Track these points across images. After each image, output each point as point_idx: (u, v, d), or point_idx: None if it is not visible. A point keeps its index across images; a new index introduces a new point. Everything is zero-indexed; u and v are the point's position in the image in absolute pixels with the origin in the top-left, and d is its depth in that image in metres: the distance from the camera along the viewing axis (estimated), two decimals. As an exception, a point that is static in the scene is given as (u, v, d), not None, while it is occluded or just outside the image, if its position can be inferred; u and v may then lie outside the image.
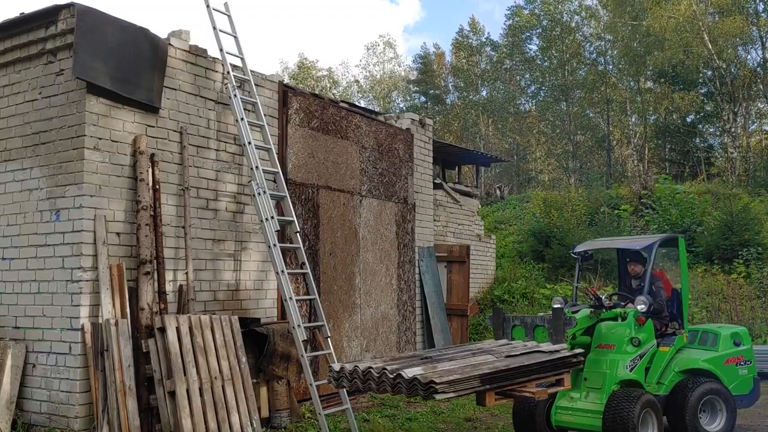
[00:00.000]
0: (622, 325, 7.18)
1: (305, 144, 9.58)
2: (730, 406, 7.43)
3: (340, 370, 5.39)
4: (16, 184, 7.35)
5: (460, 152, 19.72)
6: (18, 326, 7.16)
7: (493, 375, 5.03)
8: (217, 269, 8.16)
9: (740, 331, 8.13)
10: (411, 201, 11.93)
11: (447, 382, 4.66)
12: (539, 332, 6.76)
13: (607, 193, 24.06)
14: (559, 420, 7.11)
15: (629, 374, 6.97)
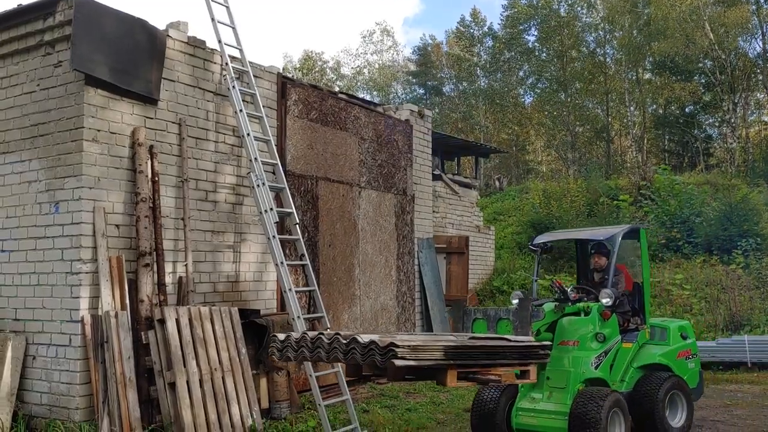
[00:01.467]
0: (586, 320, 6.83)
1: (304, 135, 9.57)
2: (690, 400, 7.28)
3: (285, 340, 4.99)
4: (15, 176, 7.34)
5: (459, 143, 19.71)
6: (18, 318, 7.16)
7: (458, 349, 4.67)
8: (216, 261, 8.17)
9: (685, 325, 7.97)
10: (410, 192, 11.93)
11: (408, 347, 4.31)
12: (503, 325, 6.43)
13: (606, 183, 24.07)
14: (521, 423, 6.66)
15: (595, 372, 6.61)
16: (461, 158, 22.40)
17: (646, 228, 7.91)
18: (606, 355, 6.77)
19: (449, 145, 18.89)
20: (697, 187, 20.85)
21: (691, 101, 32.47)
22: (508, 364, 5.07)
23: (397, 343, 4.25)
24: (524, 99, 41.37)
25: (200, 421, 6.61)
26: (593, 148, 37.94)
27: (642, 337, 7.36)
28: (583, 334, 6.76)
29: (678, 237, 18.30)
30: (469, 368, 4.80)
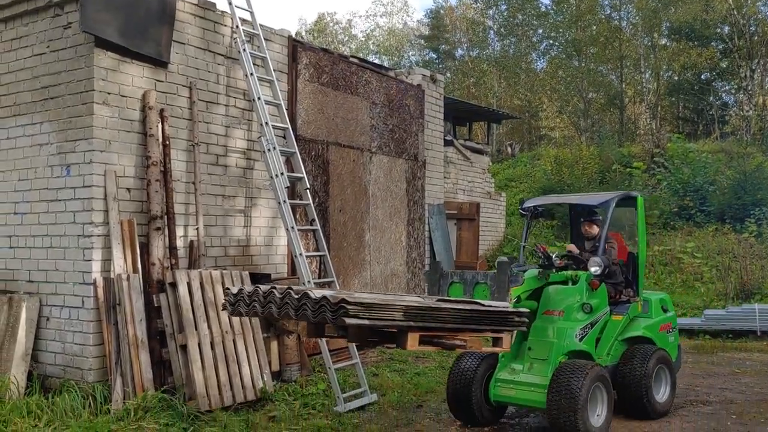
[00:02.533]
0: (573, 290, 6.53)
1: (315, 99, 9.50)
2: (673, 374, 7.08)
3: (238, 293, 4.71)
4: (27, 138, 7.34)
5: (471, 108, 19.55)
6: (32, 280, 7.23)
7: (419, 310, 4.32)
8: (227, 225, 8.19)
9: (665, 298, 7.73)
10: (421, 158, 11.87)
11: (361, 305, 3.99)
12: (480, 290, 6.23)
13: (618, 151, 23.86)
14: (499, 394, 6.36)
15: (579, 344, 6.31)
16: (473, 124, 22.25)
17: (643, 195, 7.45)
18: (592, 327, 6.48)
19: (461, 110, 18.74)
20: (711, 155, 20.64)
21: (708, 68, 31.95)
22: (478, 330, 4.75)
23: (348, 300, 3.96)
24: (537, 64, 40.89)
25: (212, 383, 6.70)
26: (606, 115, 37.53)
27: (633, 309, 7.10)
28: (570, 304, 6.47)
29: (690, 205, 18.19)
30: (433, 332, 4.49)
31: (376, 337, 4.68)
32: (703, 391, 7.98)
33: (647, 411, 6.60)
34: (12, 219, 7.43)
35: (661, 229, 17.73)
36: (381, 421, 6.74)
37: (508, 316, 5.00)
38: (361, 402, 7.26)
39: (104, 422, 5.68)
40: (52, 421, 5.78)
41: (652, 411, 6.63)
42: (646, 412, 6.60)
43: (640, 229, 7.36)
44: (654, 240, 16.88)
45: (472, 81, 40.64)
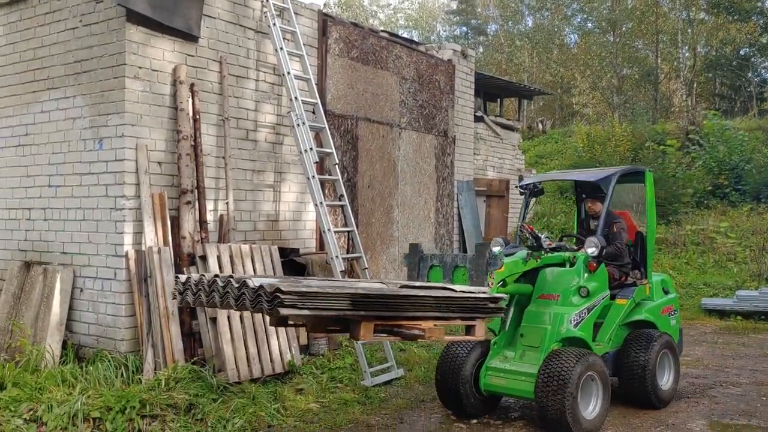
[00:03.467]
0: (570, 272, 6.12)
1: (345, 74, 9.46)
2: (677, 359, 6.72)
3: (186, 281, 4.39)
4: (60, 112, 7.43)
5: (503, 84, 19.32)
6: (65, 252, 7.37)
7: (370, 299, 3.96)
8: (256, 200, 8.24)
9: (666, 279, 7.35)
10: (451, 134, 11.78)
11: (298, 294, 3.69)
12: (459, 274, 5.83)
13: (652, 128, 23.44)
14: (489, 383, 5.98)
15: (573, 331, 5.89)
16: (504, 100, 21.99)
17: (651, 170, 7.07)
18: (589, 312, 6.03)
19: (492, 86, 18.53)
20: (748, 133, 20.17)
21: (747, 43, 31.12)
22: (445, 318, 4.39)
23: (282, 289, 3.65)
24: (570, 40, 40.20)
25: (240, 355, 6.79)
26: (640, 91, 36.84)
27: (640, 293, 6.69)
28: (566, 288, 6.04)
29: (725, 184, 17.85)
30: (392, 320, 4.18)
31: (337, 326, 4.44)
32: (734, 373, 7.89)
33: (650, 399, 6.29)
34: (47, 192, 7.56)
35: (695, 208, 17.45)
36: (407, 396, 6.78)
37: (482, 303, 4.58)
38: (387, 377, 7.31)
39: (136, 391, 5.80)
40: (86, 389, 5.91)
41: (656, 399, 6.32)
42: (649, 400, 6.29)
43: (648, 207, 6.94)
44: (687, 219, 16.62)
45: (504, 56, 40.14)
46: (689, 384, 7.40)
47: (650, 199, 6.94)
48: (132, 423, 5.49)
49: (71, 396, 5.76)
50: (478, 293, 4.64)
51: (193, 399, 5.92)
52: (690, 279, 13.55)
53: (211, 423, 5.69)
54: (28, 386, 5.91)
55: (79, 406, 5.52)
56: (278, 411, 6.10)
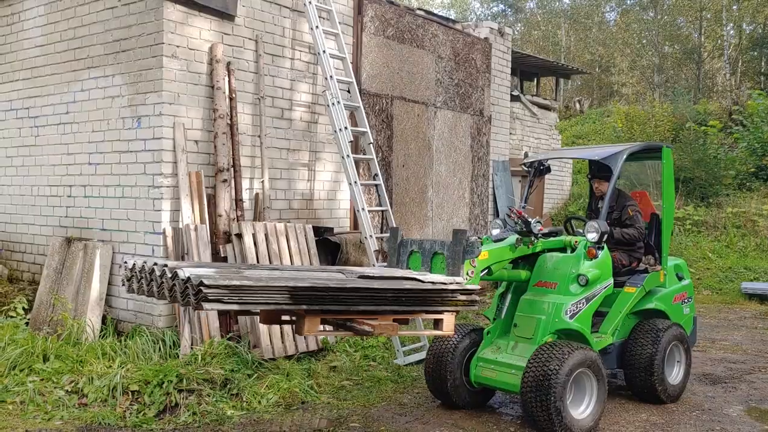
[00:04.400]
0: (569, 259, 5.69)
1: (380, 53, 9.42)
2: (689, 352, 6.29)
3: (132, 268, 4.14)
4: (99, 91, 7.53)
5: (540, 63, 19.04)
6: (105, 228, 7.51)
7: (313, 292, 3.70)
8: (291, 178, 8.28)
9: (681, 264, 6.80)
10: (487, 113, 11.67)
11: (224, 287, 3.44)
12: (437, 261, 5.23)
13: (694, 108, 22.91)
14: (479, 375, 5.66)
15: (568, 322, 5.44)
16: (541, 79, 21.68)
17: (670, 146, 6.48)
18: (588, 302, 5.55)
19: (529, 65, 18.27)
20: (794, 113, 19.58)
21: (795, 20, 30.14)
22: (406, 311, 4.08)
23: (206, 283, 3.40)
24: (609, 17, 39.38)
25: (275, 331, 6.87)
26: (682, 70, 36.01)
27: (651, 281, 6.20)
28: (564, 276, 5.60)
29: (769, 166, 17.42)
30: (340, 315, 3.91)
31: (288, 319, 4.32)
32: (774, 359, 7.74)
33: (657, 394, 5.92)
34: (87, 169, 7.69)
35: (736, 191, 17.06)
36: (440, 376, 6.79)
37: (450, 295, 4.22)
38: (420, 356, 7.33)
39: (173, 366, 5.92)
40: (125, 362, 6.05)
41: (664, 394, 5.95)
42: (656, 395, 5.93)
43: (665, 187, 6.41)
44: (728, 201, 16.27)
45: (541, 34, 39.52)
46: (727, 369, 7.29)
47: (668, 178, 6.42)
48: (169, 396, 5.61)
49: (111, 369, 5.90)
50: (450, 284, 4.27)
51: (229, 374, 6.02)
52: (730, 263, 13.29)
53: (246, 398, 5.78)
54: (70, 359, 6.07)
55: (118, 379, 5.66)
56: (312, 387, 6.17)
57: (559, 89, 22.78)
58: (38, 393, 5.59)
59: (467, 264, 5.06)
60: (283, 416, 5.57)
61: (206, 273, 3.59)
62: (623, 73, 37.73)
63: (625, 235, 6.20)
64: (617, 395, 6.29)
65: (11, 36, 8.61)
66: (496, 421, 5.60)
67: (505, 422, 5.58)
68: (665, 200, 6.41)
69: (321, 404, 5.92)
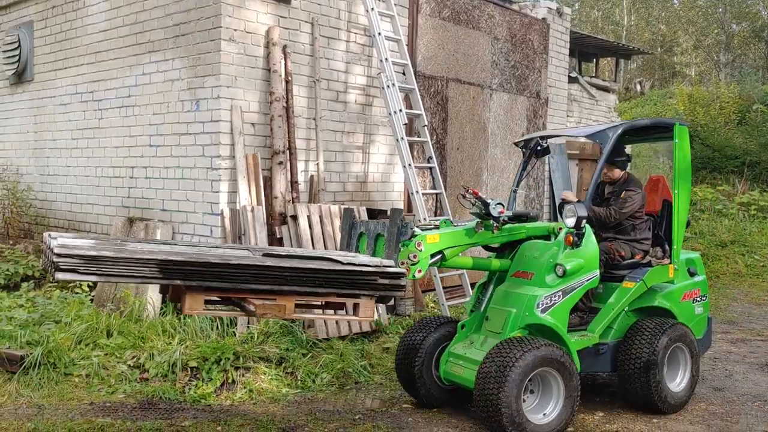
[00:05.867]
0: (548, 246, 5.17)
1: (435, 35, 9.35)
2: (696, 356, 5.56)
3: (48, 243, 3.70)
4: (160, 74, 7.70)
5: (599, 43, 18.60)
6: (165, 209, 7.70)
7: (188, 267, 3.47)
8: (346, 161, 8.33)
9: (695, 258, 6.08)
10: (543, 95, 11.49)
11: (79, 257, 3.27)
12: (381, 243, 4.84)
13: (762, 89, 22.06)
14: (448, 372, 5.22)
15: (540, 317, 4.91)
16: (600, 60, 21.19)
17: (685, 125, 5.69)
18: (564, 295, 4.98)
19: (588, 45, 17.86)
20: None
21: None
22: (312, 293, 3.80)
23: (56, 252, 3.24)
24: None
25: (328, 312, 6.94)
26: (750, 49, 34.64)
27: (655, 275, 5.53)
28: (542, 265, 5.09)
29: (842, 149, 16.70)
30: (227, 292, 3.69)
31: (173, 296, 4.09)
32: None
33: (653, 403, 5.25)
34: (147, 151, 7.89)
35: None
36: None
37: (367, 278, 3.90)
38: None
39: (230, 344, 6.06)
40: (184, 340, 6.22)
41: (661, 403, 5.26)
42: (652, 404, 5.26)
43: (678, 171, 5.63)
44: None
45: (601, 14, 38.55)
46: (792, 359, 7.06)
47: (682, 161, 5.62)
48: (227, 373, 5.75)
49: (170, 345, 6.08)
50: (375, 266, 3.93)
51: (284, 353, 6.14)
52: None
53: (300, 376, 5.89)
54: (132, 335, 6.28)
55: (177, 356, 5.83)
56: (365, 368, 6.24)
57: (619, 70, 22.23)
58: (102, 367, 5.80)
59: (411, 247, 4.68)
60: (336, 395, 5.65)
61: (75, 243, 3.45)
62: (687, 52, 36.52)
63: (596, 213, 5.54)
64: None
65: (77, 21, 8.87)
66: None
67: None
68: (679, 186, 5.63)
69: (374, 384, 5.99)
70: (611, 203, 5.70)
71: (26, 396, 5.31)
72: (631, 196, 5.62)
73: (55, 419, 4.89)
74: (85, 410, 5.13)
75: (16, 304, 7.12)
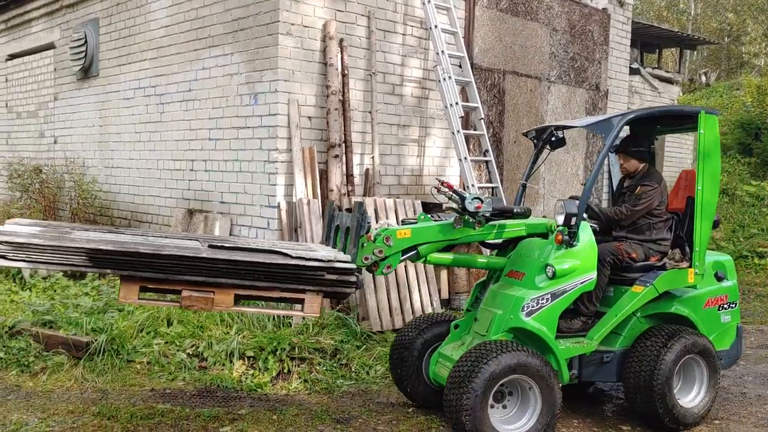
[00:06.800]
0: (542, 245, 4.83)
1: (493, 27, 9.24)
2: (713, 368, 5.02)
3: None
4: (219, 69, 7.84)
5: (662, 33, 18.09)
6: (223, 201, 7.85)
7: (118, 257, 3.51)
8: (401, 154, 8.32)
9: (725, 262, 5.48)
10: (603, 88, 11.24)
11: (8, 244, 3.37)
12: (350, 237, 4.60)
13: (836, 79, 21.10)
14: (436, 372, 4.99)
15: (524, 321, 4.55)
16: (664, 50, 20.62)
17: (713, 113, 5.08)
18: (553, 299, 4.60)
19: (650, 35, 17.41)
20: None
21: None
22: (254, 286, 3.75)
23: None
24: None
25: (383, 305, 6.98)
26: (824, 38, 33.15)
27: (670, 280, 5.00)
28: (533, 265, 4.74)
29: None
30: (161, 283, 3.69)
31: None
32: None
33: (660, 420, 4.80)
34: (207, 145, 8.05)
35: None
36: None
37: (312, 273, 3.78)
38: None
39: (286, 334, 6.14)
40: (241, 329, 6.33)
41: (672, 422, 4.80)
42: (659, 421, 4.81)
43: (701, 164, 5.03)
44: None
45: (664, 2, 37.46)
46: None
47: (707, 153, 5.03)
48: (282, 364, 5.84)
49: (228, 335, 6.20)
50: (322, 261, 3.80)
51: (338, 345, 6.19)
52: None
53: (354, 368, 5.94)
54: (191, 324, 6.42)
55: (235, 345, 5.94)
56: (419, 362, 6.23)
57: (683, 61, 21.59)
58: (163, 355, 5.96)
59: (379, 242, 4.45)
60: (390, 388, 5.67)
61: (13, 230, 3.53)
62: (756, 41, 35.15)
63: (606, 211, 5.19)
64: (739, 385, 5.97)
65: (140, 18, 9.10)
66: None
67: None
68: (704, 181, 5.03)
69: (427, 378, 5.98)
70: (626, 199, 5.29)
71: (91, 381, 5.50)
72: (647, 192, 5.13)
73: (118, 404, 5.05)
74: (146, 396, 5.28)
75: (81, 292, 7.39)
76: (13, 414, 4.79)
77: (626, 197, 5.29)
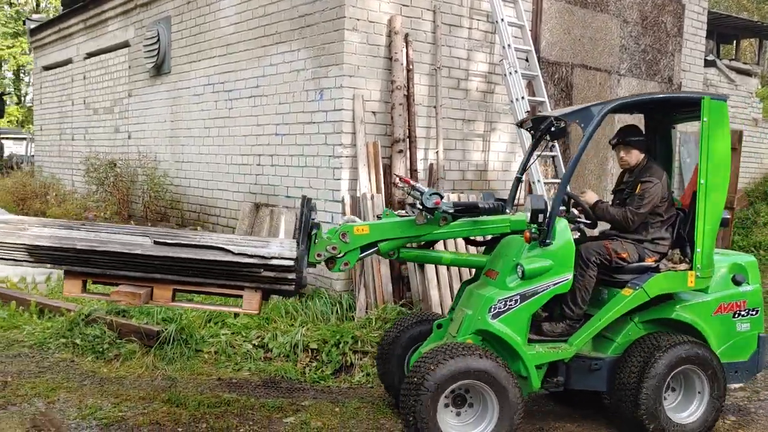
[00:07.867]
0: (516, 243, 4.56)
1: (561, 19, 9.07)
2: (718, 383, 4.59)
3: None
4: (286, 65, 7.94)
5: (740, 23, 17.38)
6: (289, 195, 7.96)
7: (55, 252, 3.63)
8: (466, 149, 8.26)
9: (746, 264, 4.96)
10: (676, 81, 10.88)
11: None
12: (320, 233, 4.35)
13: None
14: None
15: (489, 323, 4.32)
16: (742, 41, 19.81)
17: (719, 99, 4.61)
18: (522, 300, 4.33)
19: (728, 26, 16.76)
20: None
21: None
22: (194, 282, 3.76)
23: None
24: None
25: (446, 300, 6.95)
26: None
27: (663, 283, 4.58)
28: (506, 264, 4.48)
29: None
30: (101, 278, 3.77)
31: None
32: None
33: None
34: (273, 140, 8.18)
35: None
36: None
37: (249, 270, 3.72)
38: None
39: (349, 327, 6.20)
40: (305, 322, 6.42)
41: None
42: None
43: (705, 155, 4.57)
44: None
45: (744, -8, 35.95)
46: None
47: (710, 143, 4.55)
48: (345, 356, 5.89)
49: (292, 327, 6.29)
50: (258, 258, 3.74)
51: (401, 339, 6.19)
52: None
53: (416, 364, 5.92)
54: (257, 316, 6.54)
55: (299, 337, 6.03)
56: (481, 358, 6.18)
57: (763, 52, 20.68)
58: (229, 345, 6.10)
59: (335, 238, 4.31)
60: (452, 384, 5.64)
61: None
62: (842, 32, 33.44)
63: (612, 215, 4.83)
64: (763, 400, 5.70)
65: (210, 15, 9.31)
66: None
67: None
68: (708, 175, 4.57)
69: (490, 375, 5.92)
70: (626, 199, 4.87)
71: (161, 369, 5.68)
72: (648, 189, 4.71)
73: (186, 392, 5.20)
74: (213, 385, 5.42)
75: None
76: (89, 398, 4.99)
77: (626, 194, 4.91)
